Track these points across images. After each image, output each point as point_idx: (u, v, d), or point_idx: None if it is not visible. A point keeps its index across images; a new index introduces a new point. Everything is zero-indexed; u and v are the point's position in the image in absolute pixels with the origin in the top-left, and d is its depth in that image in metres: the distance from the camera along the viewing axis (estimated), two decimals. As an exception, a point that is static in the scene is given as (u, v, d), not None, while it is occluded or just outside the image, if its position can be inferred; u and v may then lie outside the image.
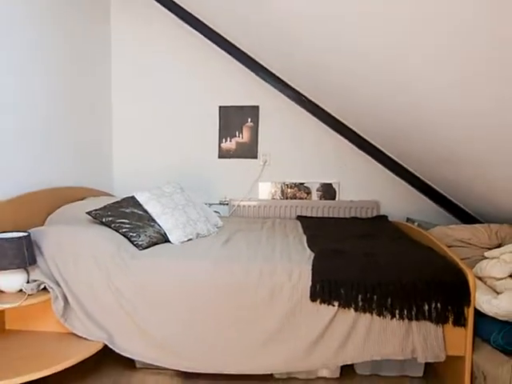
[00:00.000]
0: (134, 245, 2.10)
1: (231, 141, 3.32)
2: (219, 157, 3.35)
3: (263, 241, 2.37)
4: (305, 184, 3.32)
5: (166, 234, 2.27)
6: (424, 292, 1.77)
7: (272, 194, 3.35)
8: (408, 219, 3.16)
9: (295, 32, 2.16)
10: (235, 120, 3.29)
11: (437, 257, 1.99)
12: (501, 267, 1.78)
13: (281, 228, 2.79)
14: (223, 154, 3.34)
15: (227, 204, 3.33)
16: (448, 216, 3.15)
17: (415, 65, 1.67)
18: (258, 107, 3.26)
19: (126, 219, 2.21)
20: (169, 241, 2.27)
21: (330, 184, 3.30)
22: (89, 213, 2.21)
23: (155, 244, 2.19)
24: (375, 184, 3.27)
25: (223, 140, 3.33)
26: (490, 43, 1.20)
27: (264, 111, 3.27)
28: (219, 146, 3.34)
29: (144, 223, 2.24)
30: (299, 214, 3.25)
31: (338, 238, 2.38)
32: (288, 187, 3.33)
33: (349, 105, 2.76)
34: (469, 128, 1.80)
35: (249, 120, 3.28)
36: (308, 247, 2.21)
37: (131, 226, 2.17)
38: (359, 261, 1.95)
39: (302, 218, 3.09)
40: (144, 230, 2.19)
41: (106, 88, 3.29)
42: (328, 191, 3.31)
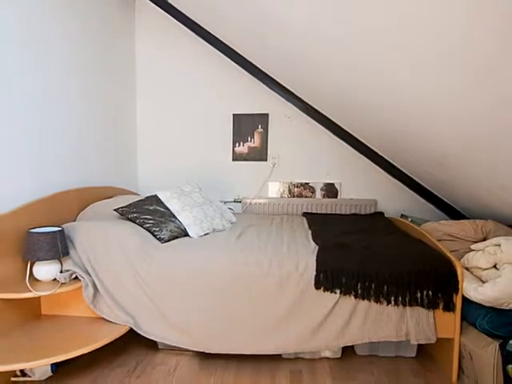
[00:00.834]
0: (157, 238, 2.16)
1: (244, 145, 3.42)
2: (233, 159, 3.45)
3: (273, 235, 2.43)
4: (310, 184, 3.40)
5: (186, 229, 2.32)
6: (417, 281, 1.82)
7: (280, 193, 3.44)
8: (402, 215, 3.24)
9: (306, 51, 2.20)
10: (247, 126, 3.39)
11: (428, 249, 2.02)
12: (485, 258, 1.83)
13: (288, 223, 2.85)
14: (236, 157, 3.45)
15: (240, 202, 3.44)
16: (438, 213, 3.23)
17: (402, 80, 1.72)
18: (268, 115, 3.37)
19: (150, 215, 2.26)
20: (188, 235, 2.32)
21: (333, 184, 3.39)
22: (116, 210, 2.28)
23: (176, 238, 2.24)
24: (373, 184, 3.36)
25: (236, 144, 3.43)
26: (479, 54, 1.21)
27: (273, 118, 3.38)
28: (233, 150, 3.44)
29: (166, 219, 2.29)
30: (305, 211, 3.34)
31: (340, 233, 2.43)
32: (295, 186, 3.42)
33: (349, 113, 2.79)
34: (455, 133, 1.84)
35: (259, 126, 3.39)
36: (313, 240, 2.26)
37: (154, 222, 2.23)
38: (359, 253, 1.99)
39: (308, 215, 3.17)
40: (166, 225, 2.24)
41: (131, 99, 3.40)
42: (331, 190, 3.39)
